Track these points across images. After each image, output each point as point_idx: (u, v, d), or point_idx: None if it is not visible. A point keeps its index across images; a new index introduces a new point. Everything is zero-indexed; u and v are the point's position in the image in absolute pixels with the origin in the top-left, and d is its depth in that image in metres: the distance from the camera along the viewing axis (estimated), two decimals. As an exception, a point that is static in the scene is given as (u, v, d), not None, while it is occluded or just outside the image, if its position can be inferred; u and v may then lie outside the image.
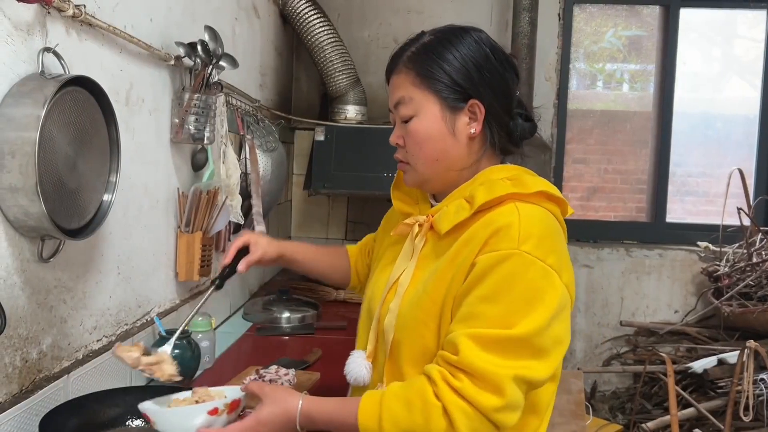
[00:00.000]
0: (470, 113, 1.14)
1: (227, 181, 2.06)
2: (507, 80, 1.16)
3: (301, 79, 3.73)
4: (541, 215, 1.09)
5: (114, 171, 1.34)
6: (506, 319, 1.00)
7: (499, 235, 1.04)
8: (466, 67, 1.13)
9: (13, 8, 1.10)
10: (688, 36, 3.77)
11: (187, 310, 1.93)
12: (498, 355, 0.99)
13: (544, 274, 1.03)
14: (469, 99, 1.13)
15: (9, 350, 1.14)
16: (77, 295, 1.36)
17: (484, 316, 1.02)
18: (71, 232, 1.21)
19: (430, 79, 1.13)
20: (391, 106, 1.20)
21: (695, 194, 3.92)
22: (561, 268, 1.05)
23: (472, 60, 1.13)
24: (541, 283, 1.02)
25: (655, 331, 3.67)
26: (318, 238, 3.73)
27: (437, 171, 1.17)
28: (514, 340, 1.00)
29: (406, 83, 1.16)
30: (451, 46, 1.14)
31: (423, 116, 1.15)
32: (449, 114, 1.14)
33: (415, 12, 3.68)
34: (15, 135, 1.07)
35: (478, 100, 1.13)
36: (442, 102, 1.14)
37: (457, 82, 1.13)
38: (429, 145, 1.15)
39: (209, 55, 1.78)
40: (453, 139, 1.15)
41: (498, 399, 0.98)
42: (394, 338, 1.15)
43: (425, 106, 1.14)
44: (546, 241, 1.05)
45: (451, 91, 1.13)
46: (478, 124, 1.14)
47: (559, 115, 3.75)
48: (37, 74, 1.15)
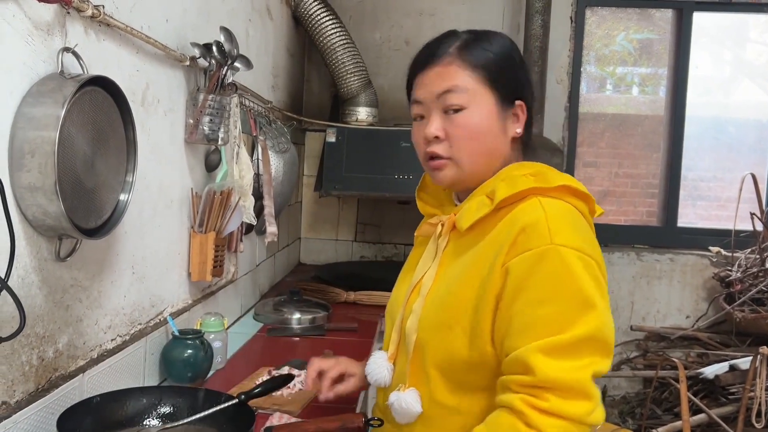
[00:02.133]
0: (514, 114, 1.15)
1: (240, 181, 2.06)
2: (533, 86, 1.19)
3: (313, 80, 3.73)
4: (566, 208, 1.07)
5: (130, 171, 1.35)
6: (566, 319, 0.97)
7: (527, 233, 1.02)
8: (515, 68, 1.15)
9: (34, 9, 1.11)
10: (700, 40, 3.76)
11: (200, 310, 1.94)
12: (572, 358, 0.96)
13: (584, 264, 1.00)
14: (516, 100, 1.14)
15: (26, 349, 1.15)
16: (93, 295, 1.37)
17: (542, 321, 0.98)
18: (88, 231, 1.21)
19: (489, 72, 1.12)
20: (433, 95, 1.14)
21: (707, 198, 3.90)
22: (597, 257, 1.04)
23: (519, 63, 1.16)
24: (584, 272, 0.99)
25: (665, 336, 3.65)
26: (328, 240, 3.73)
27: (480, 167, 1.14)
28: (583, 340, 0.97)
29: (461, 73, 1.12)
30: (502, 47, 1.15)
31: (476, 109, 1.11)
32: (502, 111, 1.13)
33: (427, 14, 3.68)
34: (35, 134, 1.08)
35: (523, 102, 1.15)
36: (497, 98, 1.12)
37: (511, 81, 1.13)
38: (481, 140, 1.12)
39: (224, 56, 1.79)
40: (503, 137, 1.14)
41: (588, 403, 0.96)
42: (417, 339, 1.13)
43: (481, 99, 1.12)
44: (577, 232, 1.04)
45: (507, 89, 1.13)
46: (520, 125, 1.15)
47: (571, 118, 3.74)
48: (56, 74, 1.16)
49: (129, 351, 1.51)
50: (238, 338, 2.15)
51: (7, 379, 1.10)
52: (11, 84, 1.08)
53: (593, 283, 1.00)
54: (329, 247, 3.74)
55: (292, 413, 1.51)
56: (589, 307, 0.98)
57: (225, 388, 1.63)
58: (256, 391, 1.38)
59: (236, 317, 2.39)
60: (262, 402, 1.53)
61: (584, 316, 0.97)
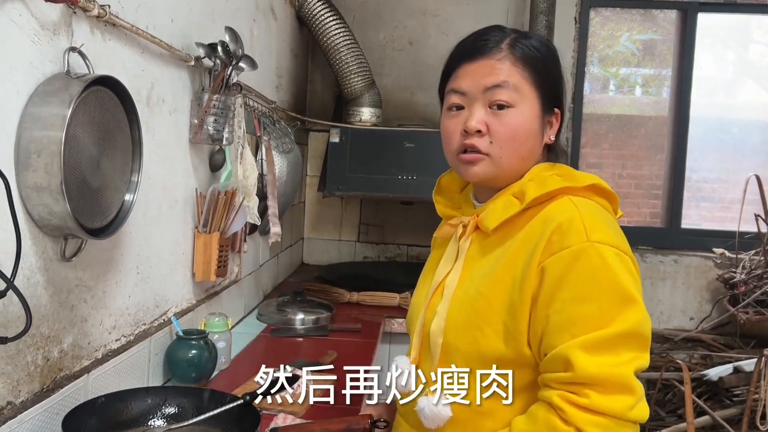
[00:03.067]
0: (550, 121, 1.16)
1: (245, 182, 2.06)
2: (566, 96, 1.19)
3: (316, 80, 3.73)
4: (596, 208, 1.07)
5: (136, 171, 1.34)
6: (606, 315, 0.96)
7: (562, 232, 1.01)
8: (559, 75, 1.16)
9: (40, 8, 1.11)
10: (703, 40, 3.75)
11: (204, 311, 1.94)
12: (612, 354, 0.95)
13: (621, 260, 1.00)
14: (555, 107, 1.15)
15: (31, 349, 1.14)
16: (97, 295, 1.37)
17: (581, 319, 0.97)
18: (94, 231, 1.21)
19: (540, 75, 1.12)
20: (480, 87, 1.11)
21: (711, 200, 3.89)
22: (630, 254, 1.03)
23: (561, 73, 1.17)
24: (622, 269, 0.99)
25: (669, 337, 3.64)
26: (331, 240, 3.73)
27: (514, 168, 1.13)
28: (623, 335, 0.96)
29: (515, 71, 1.11)
30: (551, 54, 1.16)
31: (524, 110, 1.11)
32: (543, 116, 1.14)
33: (431, 14, 3.67)
34: (41, 134, 1.07)
35: (561, 110, 1.16)
36: (542, 103, 1.13)
37: (555, 87, 1.15)
38: (521, 141, 1.11)
39: (229, 56, 1.79)
40: (538, 142, 1.14)
41: (630, 397, 0.95)
42: (444, 342, 1.10)
43: (529, 101, 1.11)
44: (611, 229, 1.03)
45: (550, 95, 1.14)
46: (554, 132, 1.16)
47: (574, 118, 3.73)
48: (62, 74, 1.15)
49: (133, 351, 1.51)
50: (242, 338, 2.15)
51: (12, 380, 1.09)
52: (17, 83, 1.08)
53: (631, 278, 0.99)
54: (332, 248, 3.73)
55: (297, 414, 1.51)
56: (629, 303, 0.97)
57: (229, 388, 1.63)
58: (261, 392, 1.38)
59: (240, 317, 2.39)
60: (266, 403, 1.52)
61: (624, 311, 0.96)
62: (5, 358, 1.07)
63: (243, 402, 1.29)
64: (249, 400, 1.30)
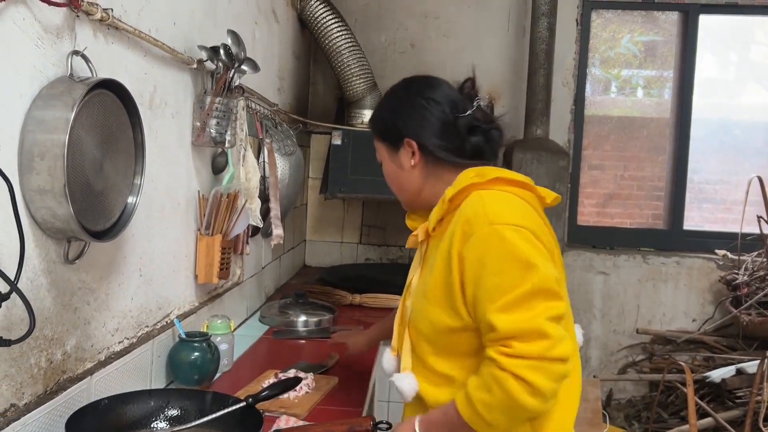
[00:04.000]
0: (407, 148, 1.37)
1: (247, 184, 2.07)
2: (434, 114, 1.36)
3: (318, 83, 3.74)
4: (502, 195, 1.26)
5: (138, 173, 1.35)
6: (512, 281, 1.16)
7: (470, 223, 1.22)
8: (392, 114, 1.40)
9: (43, 12, 1.11)
10: (705, 42, 3.75)
11: (206, 313, 1.94)
12: (524, 310, 1.15)
13: (519, 234, 1.19)
14: (403, 138, 1.37)
15: (35, 351, 1.15)
16: (100, 297, 1.37)
17: (495, 288, 1.17)
18: (97, 234, 1.22)
19: (377, 130, 1.45)
20: None
21: (713, 201, 3.89)
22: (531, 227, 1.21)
23: (396, 107, 1.40)
24: (520, 240, 1.18)
25: (672, 339, 3.64)
26: (333, 242, 3.73)
27: (405, 197, 1.44)
28: (529, 293, 1.15)
29: (374, 137, 1.46)
30: (383, 101, 1.47)
31: (383, 161, 1.44)
32: (394, 153, 1.40)
33: (432, 17, 3.68)
34: (44, 137, 1.08)
35: (408, 137, 1.36)
36: (388, 146, 1.42)
37: (388, 127, 1.41)
38: (391, 181, 1.45)
39: (231, 59, 1.79)
40: (402, 171, 1.40)
41: (546, 340, 1.13)
42: (412, 328, 1.34)
43: (382, 153, 1.44)
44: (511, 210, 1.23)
45: (389, 135, 1.40)
46: (416, 155, 1.37)
47: (576, 120, 3.74)
48: (65, 77, 1.16)
49: (136, 353, 1.51)
50: (244, 341, 2.15)
51: (15, 382, 1.10)
52: (21, 87, 1.08)
53: (528, 246, 1.19)
54: (334, 250, 3.74)
55: (299, 416, 1.51)
56: (529, 267, 1.16)
57: (231, 390, 1.63)
58: (264, 394, 1.38)
59: (242, 320, 2.39)
60: (269, 405, 1.53)
61: (526, 275, 1.16)
62: (9, 360, 1.08)
63: (246, 404, 1.30)
64: (251, 402, 1.31)
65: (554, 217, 3.12)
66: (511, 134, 3.66)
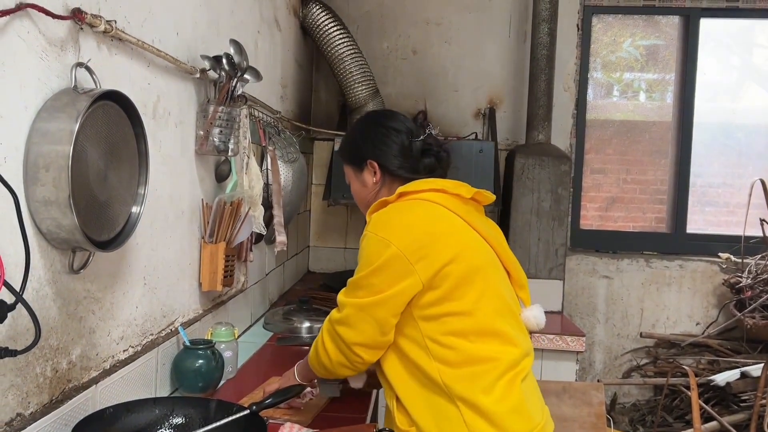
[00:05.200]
0: (369, 168, 1.60)
1: (250, 191, 2.08)
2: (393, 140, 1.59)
3: (321, 90, 3.75)
4: (394, 207, 1.49)
5: (142, 183, 1.36)
6: (355, 275, 1.44)
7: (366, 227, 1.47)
8: (355, 141, 1.65)
9: (48, 25, 1.13)
10: (706, 45, 3.76)
11: (210, 320, 1.95)
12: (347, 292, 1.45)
13: (375, 243, 1.41)
14: (366, 160, 1.60)
15: (40, 360, 1.16)
16: (105, 306, 1.38)
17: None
18: (101, 243, 1.23)
19: (343, 156, 1.68)
20: None
21: (716, 205, 3.89)
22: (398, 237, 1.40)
23: (359, 136, 1.65)
24: (373, 249, 1.41)
25: (676, 343, 3.63)
26: (336, 248, 3.74)
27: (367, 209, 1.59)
28: (354, 283, 1.44)
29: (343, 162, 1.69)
30: (351, 132, 1.75)
31: (350, 181, 1.68)
32: (359, 174, 1.64)
33: (434, 23, 3.70)
34: (49, 149, 1.09)
35: (370, 159, 1.59)
36: (353, 168, 1.65)
37: (353, 152, 1.64)
38: (357, 198, 1.69)
39: (234, 69, 1.80)
40: (366, 189, 1.63)
41: (341, 313, 1.44)
42: None
43: (349, 174, 1.68)
44: (384, 222, 1.45)
45: (353, 158, 1.64)
46: (377, 173, 1.60)
47: (578, 125, 3.74)
48: (70, 89, 1.17)
49: (141, 362, 1.52)
50: (249, 348, 2.16)
51: (21, 391, 1.11)
52: (26, 99, 1.10)
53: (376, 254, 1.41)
54: (338, 256, 3.74)
55: (303, 423, 1.52)
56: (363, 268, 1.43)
57: (236, 397, 1.64)
58: (268, 402, 1.39)
59: (246, 326, 2.40)
60: (272, 412, 1.53)
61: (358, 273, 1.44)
62: (15, 370, 1.09)
63: (250, 412, 1.30)
64: (256, 409, 1.31)
65: (557, 221, 3.13)
66: (512, 139, 3.68)
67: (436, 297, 1.39)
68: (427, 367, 1.38)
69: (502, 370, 1.38)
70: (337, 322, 1.44)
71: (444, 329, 1.39)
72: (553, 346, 2.82)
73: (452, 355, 1.38)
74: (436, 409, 1.37)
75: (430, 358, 1.39)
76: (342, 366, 1.46)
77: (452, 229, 1.46)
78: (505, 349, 1.41)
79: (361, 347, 1.41)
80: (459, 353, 1.38)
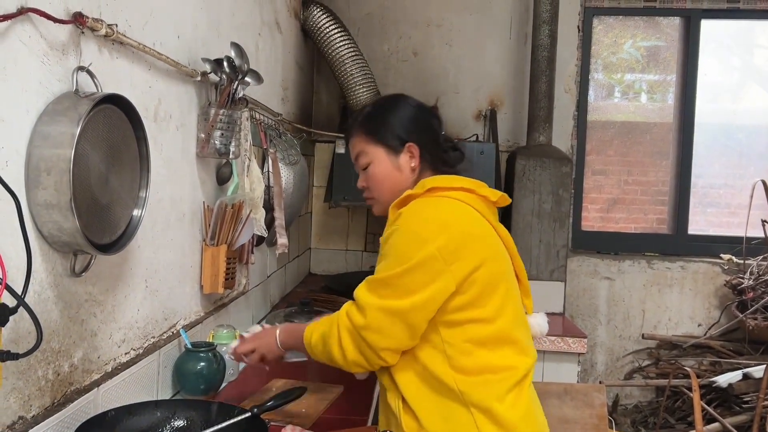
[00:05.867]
0: (409, 152, 1.51)
1: (251, 194, 2.08)
2: (432, 125, 1.55)
3: (322, 92, 3.76)
4: (427, 202, 1.40)
5: (144, 186, 1.36)
6: (381, 271, 1.35)
7: (395, 220, 1.39)
8: (399, 121, 1.52)
9: (49, 30, 1.13)
10: (707, 46, 3.75)
11: (212, 323, 1.95)
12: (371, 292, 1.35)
13: (412, 239, 1.33)
14: (406, 143, 1.50)
15: (42, 364, 1.16)
16: (107, 309, 1.38)
17: (376, 270, 1.38)
18: (103, 246, 1.23)
19: (376, 134, 1.53)
20: (353, 160, 1.59)
21: (717, 206, 3.89)
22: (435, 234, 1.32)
23: (404, 116, 1.53)
24: (409, 245, 1.33)
25: (678, 344, 3.63)
26: (338, 250, 3.74)
27: (392, 198, 1.48)
28: (383, 281, 1.34)
29: (360, 142, 1.55)
30: (386, 109, 1.56)
31: (376, 162, 1.53)
32: (394, 156, 1.52)
33: (434, 25, 3.70)
34: (50, 152, 1.10)
35: (412, 142, 1.50)
36: (387, 149, 1.52)
37: (395, 132, 1.52)
38: (384, 181, 1.53)
39: (235, 72, 1.81)
40: (400, 173, 1.52)
41: (366, 318, 1.33)
42: None
43: (376, 155, 1.53)
44: (421, 217, 1.36)
45: (392, 140, 1.51)
46: (416, 159, 1.51)
47: (579, 126, 3.74)
48: (71, 92, 1.17)
49: (143, 364, 1.53)
50: (250, 350, 2.15)
51: (23, 394, 1.11)
52: (27, 103, 1.10)
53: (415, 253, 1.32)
54: (339, 258, 3.75)
55: (305, 426, 1.52)
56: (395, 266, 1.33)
57: (237, 400, 1.64)
58: (269, 404, 1.39)
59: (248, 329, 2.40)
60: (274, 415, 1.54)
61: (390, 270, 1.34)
62: (17, 373, 1.09)
63: (251, 414, 1.30)
64: (257, 412, 1.31)
65: (558, 222, 3.13)
66: (513, 141, 3.68)
67: (462, 302, 1.34)
68: (442, 372, 1.33)
69: (518, 379, 1.36)
70: (364, 328, 1.33)
71: (465, 336, 1.34)
72: (555, 348, 2.82)
73: (470, 363, 1.33)
74: (447, 413, 1.33)
75: (446, 364, 1.34)
76: (357, 365, 1.37)
77: (482, 232, 1.40)
78: (520, 359, 1.39)
79: (390, 352, 1.33)
80: (477, 360, 1.34)
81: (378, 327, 1.32)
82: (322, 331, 1.42)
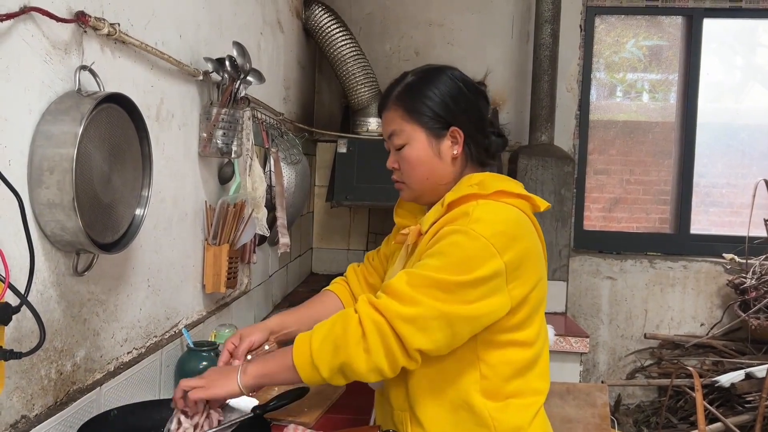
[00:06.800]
0: (452, 138, 1.33)
1: (253, 193, 2.08)
2: (480, 107, 1.37)
3: (323, 92, 3.76)
4: (498, 207, 1.25)
5: (146, 185, 1.36)
6: (437, 270, 1.18)
7: (457, 218, 1.24)
8: (444, 101, 1.33)
9: (52, 29, 1.13)
10: (709, 45, 3.75)
11: (214, 322, 1.95)
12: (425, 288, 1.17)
13: (482, 247, 1.18)
14: (450, 126, 1.33)
15: (45, 363, 1.16)
16: (109, 308, 1.38)
17: (423, 265, 1.20)
18: (105, 246, 1.23)
19: (416, 113, 1.33)
20: (386, 136, 1.40)
21: (719, 205, 3.88)
22: (505, 248, 1.19)
23: (449, 94, 1.33)
24: (478, 253, 1.18)
25: (680, 344, 3.63)
26: (339, 249, 3.74)
27: (427, 186, 1.36)
28: (438, 282, 1.17)
29: (397, 118, 1.35)
30: (431, 84, 1.35)
31: (413, 144, 1.34)
32: (434, 140, 1.34)
33: (436, 25, 3.70)
34: (53, 152, 1.09)
35: (457, 127, 1.32)
36: (427, 131, 1.33)
37: (439, 114, 1.33)
38: (419, 167, 1.35)
39: (237, 71, 1.81)
40: (439, 160, 1.34)
41: (409, 308, 1.15)
42: None
43: (414, 136, 1.34)
44: (494, 225, 1.21)
45: (435, 122, 1.33)
46: (459, 146, 1.34)
47: (581, 125, 3.74)
48: (73, 92, 1.17)
49: (145, 363, 1.53)
50: (252, 349, 2.15)
51: (26, 393, 1.11)
52: (30, 102, 1.10)
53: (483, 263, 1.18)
54: (341, 257, 3.74)
55: (307, 425, 1.52)
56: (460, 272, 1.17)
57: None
58: (271, 404, 1.39)
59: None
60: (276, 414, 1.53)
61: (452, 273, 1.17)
62: (20, 372, 1.09)
63: (253, 414, 1.30)
64: (259, 412, 1.31)
65: (560, 222, 3.13)
66: (515, 140, 3.68)
67: (510, 324, 1.24)
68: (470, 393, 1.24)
69: (542, 404, 1.31)
70: (406, 319, 1.15)
71: (504, 359, 1.25)
72: (557, 347, 2.81)
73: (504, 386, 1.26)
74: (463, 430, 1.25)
75: (478, 384, 1.24)
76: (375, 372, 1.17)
77: (539, 249, 1.28)
78: (543, 384, 1.32)
79: (423, 355, 1.18)
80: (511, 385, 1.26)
81: (424, 324, 1.15)
82: (329, 331, 1.19)
